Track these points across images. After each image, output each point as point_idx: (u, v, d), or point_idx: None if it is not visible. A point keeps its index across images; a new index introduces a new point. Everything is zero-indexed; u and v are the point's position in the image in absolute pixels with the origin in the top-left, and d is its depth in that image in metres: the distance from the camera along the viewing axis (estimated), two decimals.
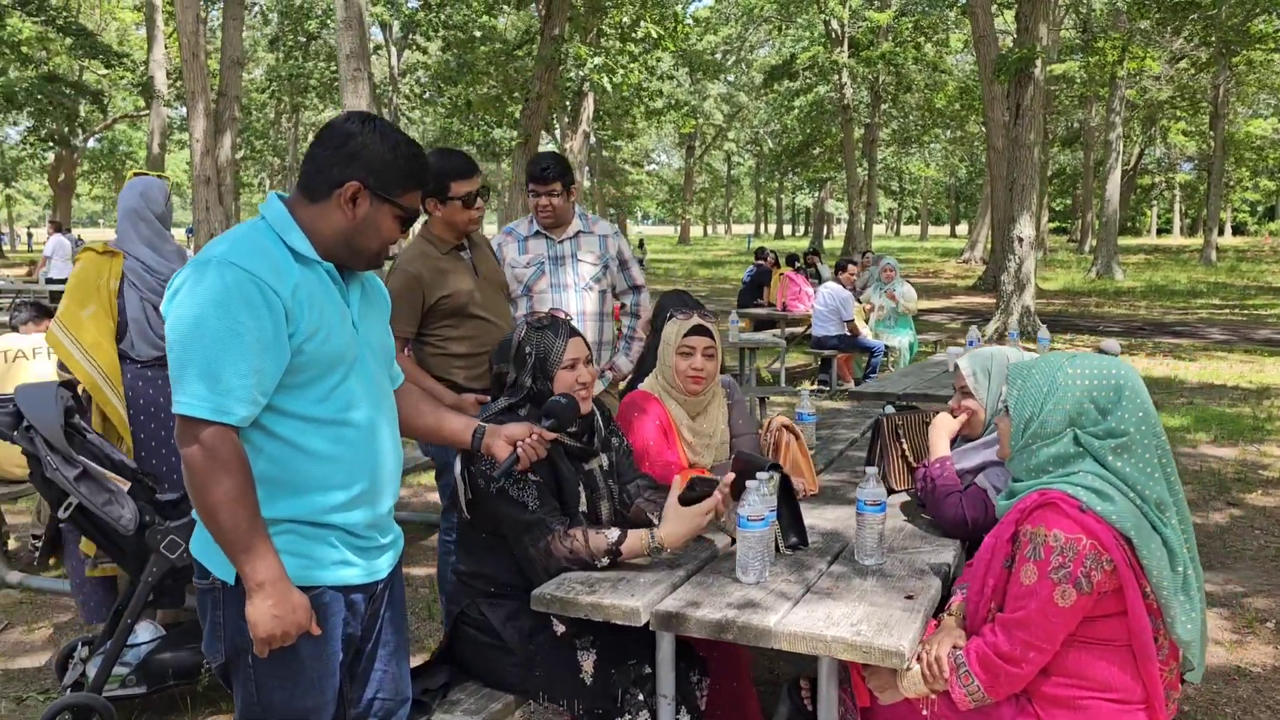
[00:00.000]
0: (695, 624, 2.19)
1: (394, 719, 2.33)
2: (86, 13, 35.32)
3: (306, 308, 1.94)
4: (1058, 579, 2.03)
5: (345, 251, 2.04)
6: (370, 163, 1.99)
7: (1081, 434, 2.16)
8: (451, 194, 3.58)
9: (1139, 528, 2.06)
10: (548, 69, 16.17)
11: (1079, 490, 2.09)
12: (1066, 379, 2.19)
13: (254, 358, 1.87)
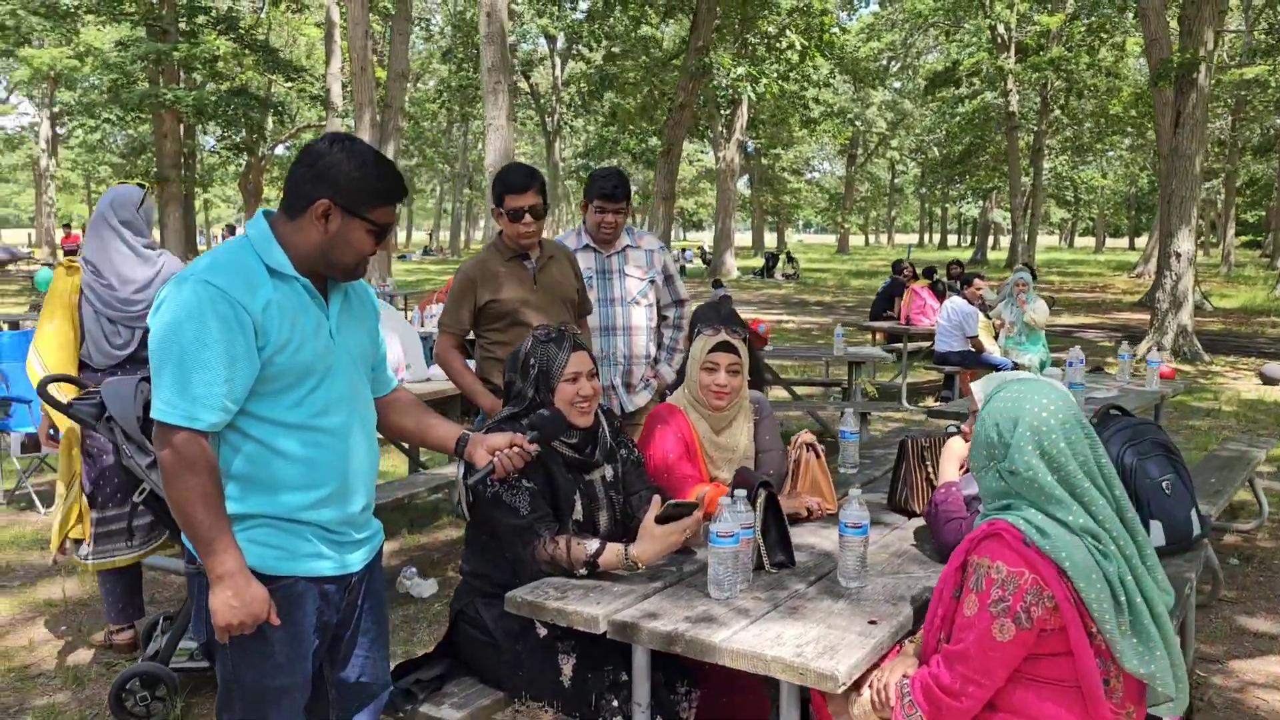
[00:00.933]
0: (647, 634, 2.25)
1: (381, 699, 2.48)
2: (276, 30, 37.71)
3: (277, 322, 2.10)
4: (996, 612, 1.99)
5: (322, 265, 2.19)
6: (338, 181, 2.13)
7: (1000, 468, 2.13)
8: (505, 206, 3.74)
9: (1075, 562, 1.99)
10: (692, 79, 16.30)
11: (1022, 523, 2.04)
12: (987, 410, 2.18)
13: (224, 369, 2.03)
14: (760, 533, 2.62)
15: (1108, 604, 2.00)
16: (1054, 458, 2.07)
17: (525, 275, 3.82)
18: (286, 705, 2.24)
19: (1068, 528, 2.03)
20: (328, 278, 2.26)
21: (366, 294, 2.46)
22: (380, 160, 2.19)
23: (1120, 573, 2.03)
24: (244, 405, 2.11)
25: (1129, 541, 2.09)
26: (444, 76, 41.70)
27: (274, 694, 2.21)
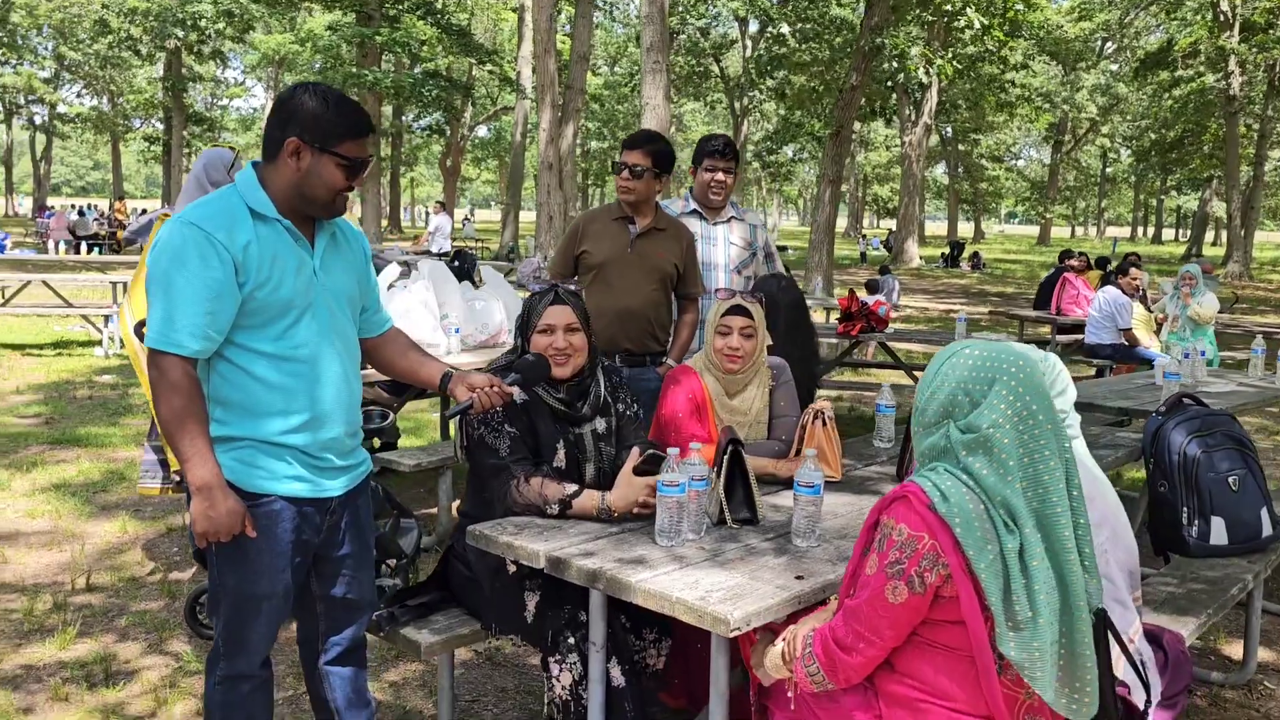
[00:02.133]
0: (575, 570, 2.35)
1: (364, 615, 2.69)
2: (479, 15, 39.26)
3: (257, 260, 2.31)
4: (891, 574, 1.97)
5: (301, 202, 2.37)
6: (304, 119, 2.32)
7: (952, 426, 2.06)
8: (620, 160, 3.91)
9: (970, 534, 1.94)
10: (864, 59, 15.96)
11: (928, 484, 2.01)
12: (950, 367, 2.09)
13: (206, 301, 2.26)
14: (724, 488, 2.67)
15: (995, 580, 1.95)
16: (1024, 419, 2.02)
17: (624, 237, 3.96)
18: (267, 610, 2.46)
19: (984, 491, 1.99)
20: (316, 220, 2.45)
21: (357, 240, 2.65)
22: (343, 99, 2.37)
23: (1026, 555, 1.97)
24: (230, 336, 2.33)
25: (1060, 534, 2.02)
26: (637, 60, 42.32)
27: (255, 600, 2.44)
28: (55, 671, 3.54)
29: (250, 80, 51.82)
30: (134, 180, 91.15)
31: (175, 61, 27.77)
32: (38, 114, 47.17)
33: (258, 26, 30.49)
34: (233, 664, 2.50)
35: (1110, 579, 2.57)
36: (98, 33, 31.41)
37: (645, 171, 3.87)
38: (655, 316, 3.96)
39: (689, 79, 39.16)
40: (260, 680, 2.55)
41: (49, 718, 3.24)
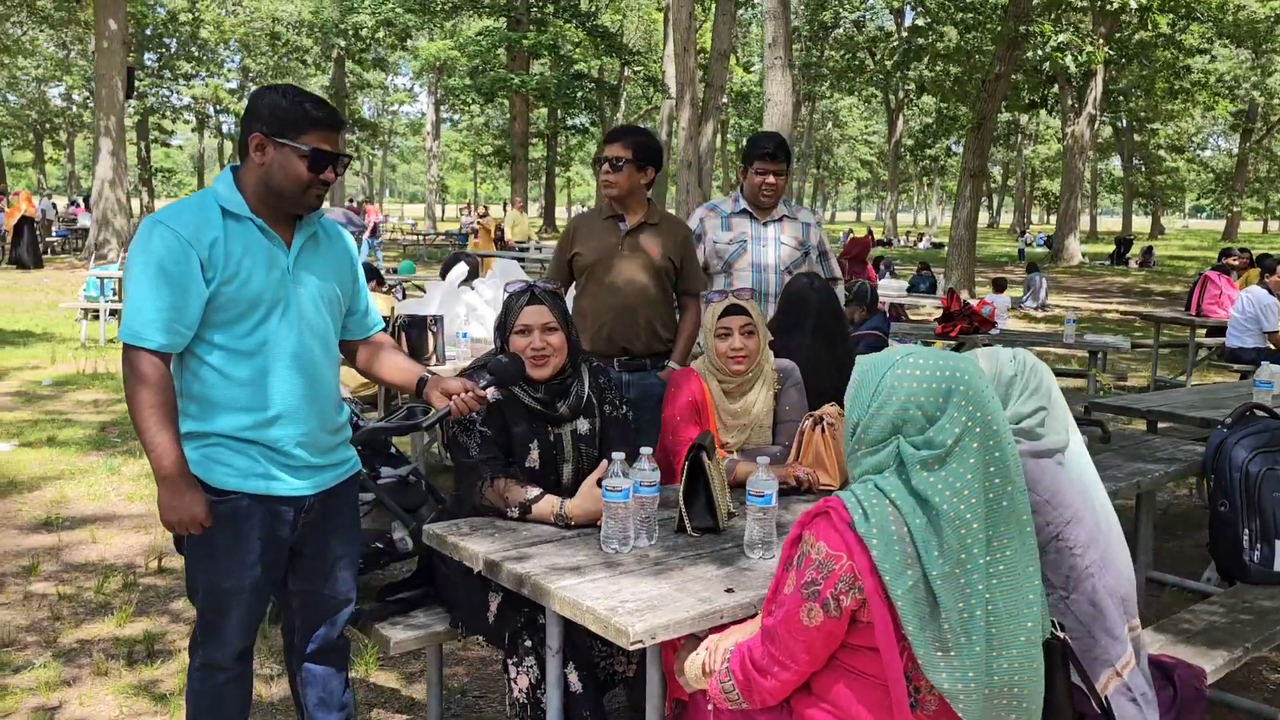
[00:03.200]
0: (505, 574, 2.33)
1: (341, 614, 2.75)
2: (630, 14, 39.63)
3: (224, 258, 2.38)
4: (806, 595, 1.86)
5: (269, 196, 2.42)
6: (265, 114, 2.38)
7: (903, 443, 1.91)
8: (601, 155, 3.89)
9: (889, 556, 1.81)
10: (1008, 48, 15.28)
11: (853, 502, 1.88)
12: (895, 380, 1.93)
13: (171, 296, 2.34)
14: (683, 495, 2.59)
15: (914, 607, 1.82)
16: (986, 434, 1.89)
17: (615, 236, 3.91)
18: (237, 605, 2.52)
19: (925, 509, 1.84)
20: (295, 220, 2.51)
21: (341, 241, 2.70)
22: (304, 94, 2.42)
23: (966, 579, 1.83)
24: (201, 333, 2.40)
25: (1009, 556, 1.88)
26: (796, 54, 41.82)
27: (225, 593, 2.51)
28: (106, 647, 3.77)
29: (418, 86, 53.90)
30: None
31: (339, 70, 29.19)
32: (225, 123, 50.46)
33: (417, 34, 31.68)
34: (208, 653, 2.58)
35: (1096, 606, 2.36)
36: (270, 44, 33.42)
37: (625, 164, 3.79)
38: (653, 313, 3.87)
39: (844, 73, 38.46)
40: (234, 673, 2.61)
41: (86, 690, 3.45)
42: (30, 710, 3.31)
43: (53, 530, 5.04)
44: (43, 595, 4.24)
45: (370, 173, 62.82)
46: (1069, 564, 2.35)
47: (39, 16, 30.20)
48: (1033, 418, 2.44)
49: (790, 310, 3.70)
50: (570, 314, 2.94)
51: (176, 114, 45.23)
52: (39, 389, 8.52)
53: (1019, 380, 2.47)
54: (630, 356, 3.86)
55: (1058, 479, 2.38)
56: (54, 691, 3.44)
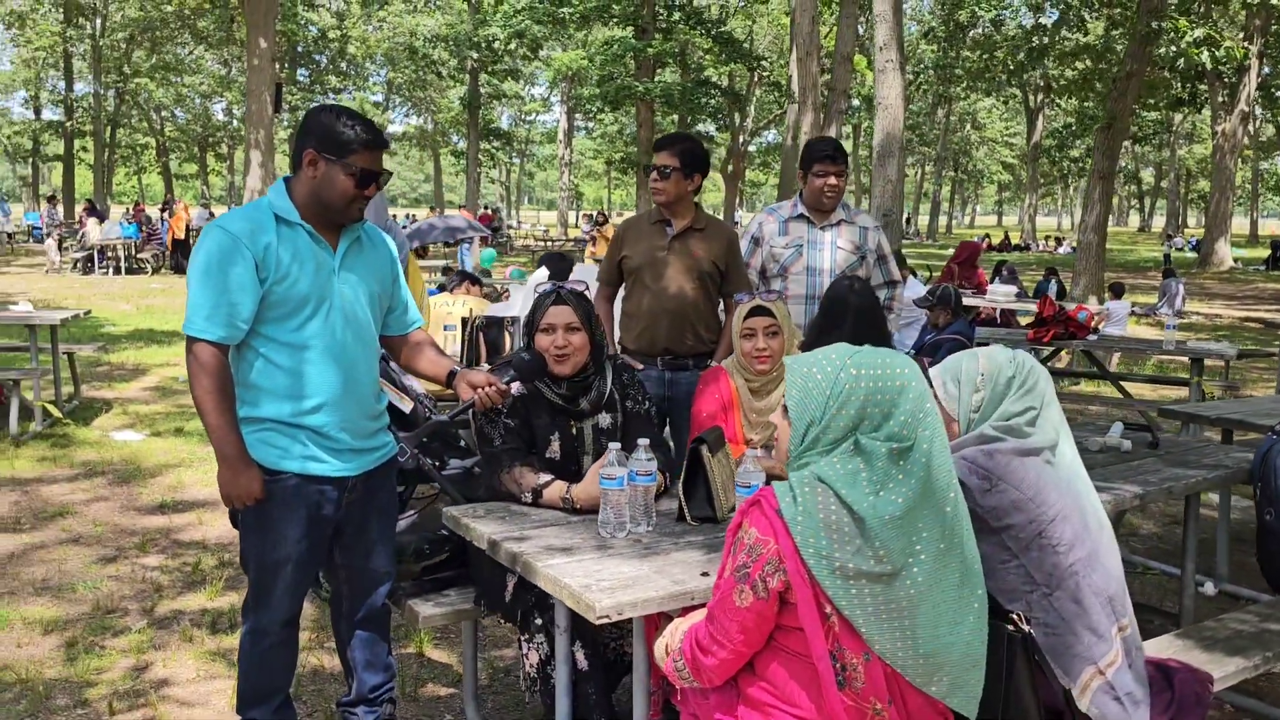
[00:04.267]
0: (503, 553, 2.51)
1: (382, 585, 2.99)
2: (759, 20, 39.56)
3: (275, 259, 2.64)
4: (739, 578, 1.97)
5: (319, 207, 2.69)
6: (318, 132, 2.65)
7: (862, 438, 2.00)
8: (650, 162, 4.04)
9: (813, 538, 1.91)
10: (1141, 45, 14.71)
11: (784, 488, 1.99)
12: (850, 380, 2.01)
13: (229, 294, 2.60)
14: (683, 486, 2.72)
15: (841, 586, 1.91)
16: (929, 420, 2.01)
17: (661, 239, 4.06)
18: (285, 575, 2.78)
19: (887, 495, 1.95)
20: (341, 226, 2.76)
21: (384, 245, 2.94)
22: (354, 115, 2.68)
23: (913, 556, 1.94)
24: (256, 328, 2.67)
25: (949, 530, 1.98)
26: (923, 58, 40.99)
27: (274, 565, 2.77)
28: (194, 617, 4.13)
29: (553, 95, 55.09)
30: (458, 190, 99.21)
31: (474, 81, 30.19)
32: None
33: (549, 45, 32.47)
34: (258, 619, 2.85)
35: (1080, 603, 2.38)
36: (407, 57, 34.86)
37: (673, 171, 3.92)
38: (696, 316, 3.99)
39: (979, 74, 37.42)
40: (280, 638, 2.87)
41: (171, 654, 3.80)
42: (123, 670, 3.68)
43: (166, 513, 5.50)
44: (149, 569, 4.66)
45: (507, 180, 64.44)
46: (1052, 561, 2.38)
47: (199, 37, 32.25)
48: (1022, 416, 2.48)
49: (829, 312, 3.77)
50: (596, 315, 3.09)
51: None
52: (175, 384, 9.19)
53: (1015, 380, 2.51)
54: (674, 356, 4.00)
55: (1042, 477, 2.41)
56: (144, 654, 3.80)
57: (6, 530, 5.15)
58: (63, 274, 21.18)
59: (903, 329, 7.63)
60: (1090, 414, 8.13)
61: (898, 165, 12.07)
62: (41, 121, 41.03)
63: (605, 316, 4.25)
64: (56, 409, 7.65)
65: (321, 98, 44.83)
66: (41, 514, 5.42)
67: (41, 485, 5.96)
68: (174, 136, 48.12)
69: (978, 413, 2.53)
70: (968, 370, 2.56)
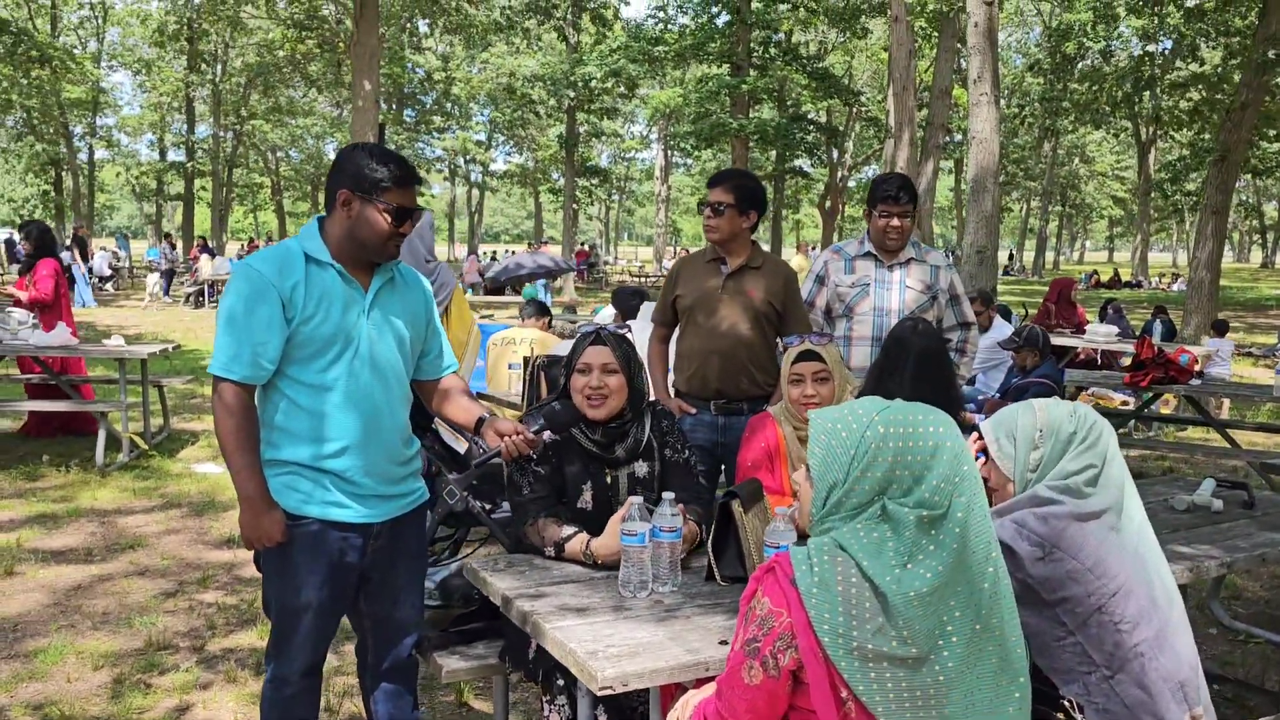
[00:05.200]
0: (515, 611, 2.37)
1: (408, 636, 2.89)
2: (856, 54, 39.25)
3: (303, 299, 2.59)
4: (748, 652, 1.80)
5: (354, 247, 2.63)
6: (351, 172, 2.59)
7: (890, 503, 1.80)
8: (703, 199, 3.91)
9: (828, 613, 1.72)
10: (1257, 74, 14.04)
11: (801, 555, 1.81)
12: (877, 440, 1.81)
13: (257, 333, 2.56)
14: (712, 544, 2.55)
15: (858, 667, 1.72)
16: (969, 483, 1.81)
17: (716, 278, 3.92)
18: (305, 622, 2.71)
19: (916, 569, 1.75)
20: (374, 266, 2.70)
21: (419, 288, 2.87)
22: (388, 153, 2.62)
23: (944, 637, 1.75)
24: (282, 369, 2.62)
25: (983, 606, 1.78)
26: (1029, 91, 40.07)
27: (294, 611, 2.70)
28: (242, 656, 4.10)
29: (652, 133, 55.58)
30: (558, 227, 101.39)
31: (571, 120, 30.56)
32: (472, 172, 53.89)
33: (645, 84, 32.71)
34: (278, 666, 2.77)
35: (1146, 689, 2.14)
36: (505, 97, 35.53)
37: (727, 208, 3.77)
38: (749, 357, 3.82)
39: (1089, 106, 36.35)
40: (301, 687, 2.78)
41: (213, 695, 3.77)
42: (164, 710, 3.65)
43: (232, 548, 5.53)
44: (206, 605, 4.66)
45: (605, 217, 65.09)
46: (1114, 640, 2.15)
47: (310, 81, 33.43)
48: (1081, 474, 2.25)
49: (889, 354, 3.57)
50: (637, 359, 2.96)
51: (429, 165, 48.73)
52: None
53: (1076, 436, 2.29)
54: (726, 400, 3.83)
55: (1104, 546, 2.19)
56: (187, 694, 3.77)
57: (78, 561, 5.24)
58: (151, 308, 21.98)
59: (988, 371, 7.31)
60: (1197, 463, 7.64)
61: (993, 199, 11.65)
62: (165, 162, 43.00)
63: (658, 358, 4.12)
64: (143, 441, 7.84)
65: (427, 138, 46.13)
66: (114, 545, 5.51)
67: (119, 516, 6.08)
68: (288, 176, 49.94)
69: (1035, 472, 2.31)
70: (1024, 425, 2.34)
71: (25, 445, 7.82)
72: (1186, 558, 2.83)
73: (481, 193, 56.55)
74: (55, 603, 4.66)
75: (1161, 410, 8.71)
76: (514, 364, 5.80)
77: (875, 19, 27.74)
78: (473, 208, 57.51)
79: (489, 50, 38.40)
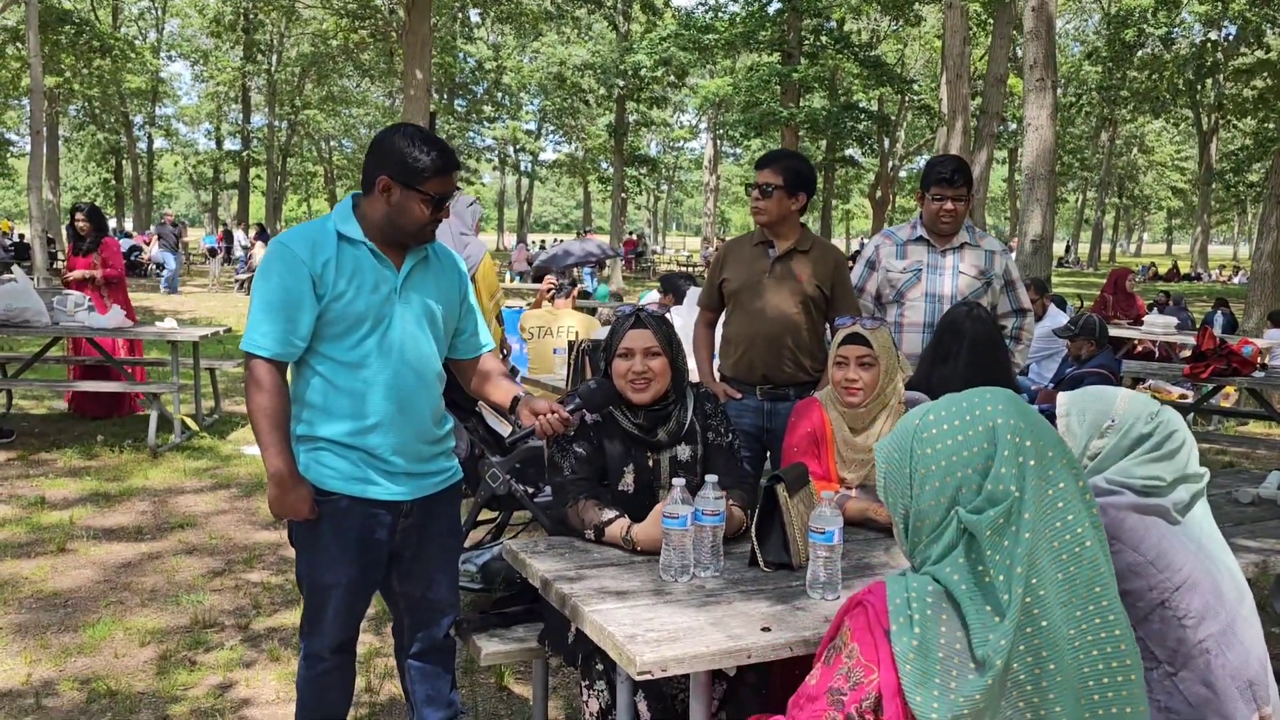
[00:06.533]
0: (554, 593, 2.33)
1: (444, 617, 2.87)
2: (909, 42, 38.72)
3: (334, 277, 2.57)
4: (831, 702, 1.64)
5: (392, 231, 2.61)
6: (394, 159, 2.56)
7: (963, 513, 1.63)
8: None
9: (924, 680, 1.57)
10: None
11: (899, 600, 1.64)
12: (924, 447, 1.67)
13: (288, 310, 2.55)
14: (756, 529, 2.49)
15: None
16: (1042, 462, 1.64)
17: (763, 261, 3.85)
18: (335, 599, 2.70)
19: (991, 590, 1.60)
20: (408, 245, 2.68)
21: (454, 266, 2.84)
22: (429, 139, 2.57)
23: (1040, 659, 1.59)
24: (314, 346, 2.61)
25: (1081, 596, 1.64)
26: (1084, 79, 39.28)
27: (324, 587, 2.70)
28: (285, 635, 4.11)
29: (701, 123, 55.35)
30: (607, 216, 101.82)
31: (620, 108, 30.47)
32: (523, 161, 54.05)
33: (695, 73, 32.55)
34: (310, 643, 2.78)
35: (1211, 687, 2.04)
36: (554, 87, 35.60)
37: (775, 190, 3.69)
38: (797, 342, 3.74)
39: (1148, 95, 35.54)
40: (334, 664, 2.79)
41: (256, 673, 3.79)
42: (208, 687, 3.68)
43: (279, 529, 5.57)
44: (252, 584, 4.69)
45: (654, 206, 64.96)
46: (1177, 636, 2.05)
47: (363, 71, 33.73)
48: (1144, 481, 2.14)
49: (942, 341, 3.48)
50: (678, 340, 2.90)
51: (479, 154, 48.97)
52: None
53: (1148, 442, 2.16)
54: (773, 385, 3.76)
55: (1166, 538, 2.09)
56: (231, 671, 3.79)
57: (129, 539, 5.31)
58: (211, 291, 22.32)
59: (1042, 361, 7.15)
60: (1258, 458, 7.41)
61: (1048, 189, 11.39)
62: (221, 151, 43.69)
63: (704, 342, 4.06)
64: (195, 422, 7.94)
65: (477, 127, 46.31)
66: (164, 525, 5.57)
67: (170, 496, 6.15)
68: (341, 165, 50.43)
69: (1093, 462, 2.21)
70: (1098, 410, 2.23)
71: (80, 426, 7.96)
72: (1253, 551, 2.72)
73: (531, 182, 56.67)
74: (105, 579, 4.72)
75: (1221, 404, 8.47)
76: (559, 349, 5.77)
77: (929, 5, 27.34)
78: (522, 197, 57.67)
79: (540, 39, 38.45)
